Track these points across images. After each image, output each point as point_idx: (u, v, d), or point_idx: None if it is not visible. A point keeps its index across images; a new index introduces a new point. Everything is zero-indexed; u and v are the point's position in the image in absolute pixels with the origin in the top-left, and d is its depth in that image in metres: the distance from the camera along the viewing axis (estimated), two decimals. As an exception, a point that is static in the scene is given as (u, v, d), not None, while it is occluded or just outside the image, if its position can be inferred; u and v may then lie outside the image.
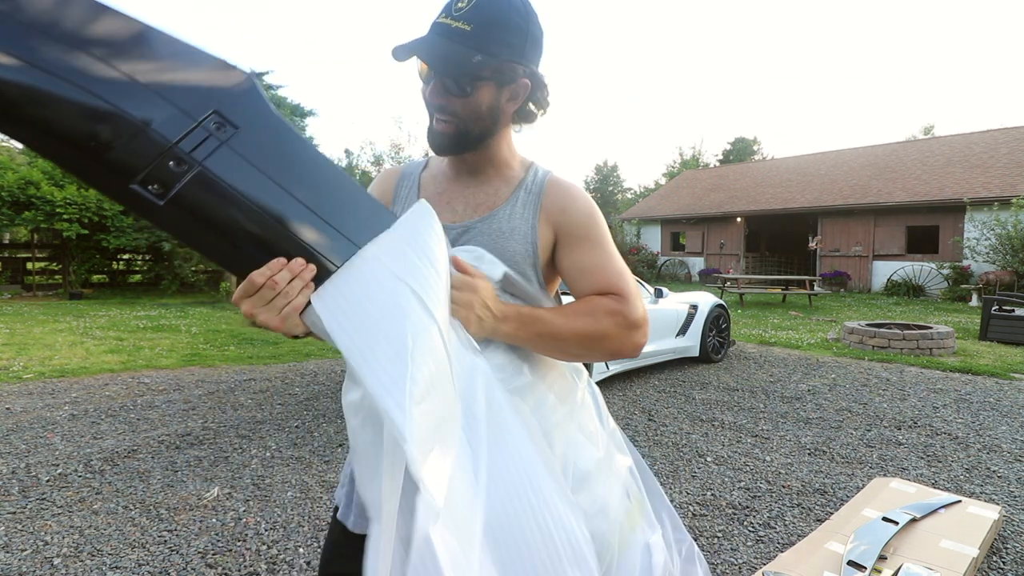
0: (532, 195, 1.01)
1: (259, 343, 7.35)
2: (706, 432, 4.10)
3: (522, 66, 0.94)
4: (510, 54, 0.91)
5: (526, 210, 1.00)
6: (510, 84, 0.94)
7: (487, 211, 1.01)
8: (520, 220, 0.99)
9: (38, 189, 11.79)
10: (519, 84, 0.95)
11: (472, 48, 0.87)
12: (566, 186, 1.02)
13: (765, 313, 11.32)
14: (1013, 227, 12.62)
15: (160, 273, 13.96)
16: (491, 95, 0.93)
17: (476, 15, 0.87)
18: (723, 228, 20.88)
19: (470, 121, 0.94)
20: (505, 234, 0.98)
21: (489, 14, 0.88)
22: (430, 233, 0.82)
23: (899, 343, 7.06)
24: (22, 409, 4.38)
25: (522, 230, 0.98)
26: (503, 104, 0.96)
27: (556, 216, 0.99)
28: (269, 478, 3.20)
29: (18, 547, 2.44)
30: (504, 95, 0.95)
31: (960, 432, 4.12)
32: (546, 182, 1.02)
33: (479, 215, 1.01)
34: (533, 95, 0.98)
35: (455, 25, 0.88)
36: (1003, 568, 2.37)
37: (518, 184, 1.02)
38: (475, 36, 0.87)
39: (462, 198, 1.03)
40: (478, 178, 1.04)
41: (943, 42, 79.88)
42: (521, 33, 0.91)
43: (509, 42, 0.90)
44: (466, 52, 0.87)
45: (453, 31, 0.88)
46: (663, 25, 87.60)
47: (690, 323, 6.32)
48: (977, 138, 18.56)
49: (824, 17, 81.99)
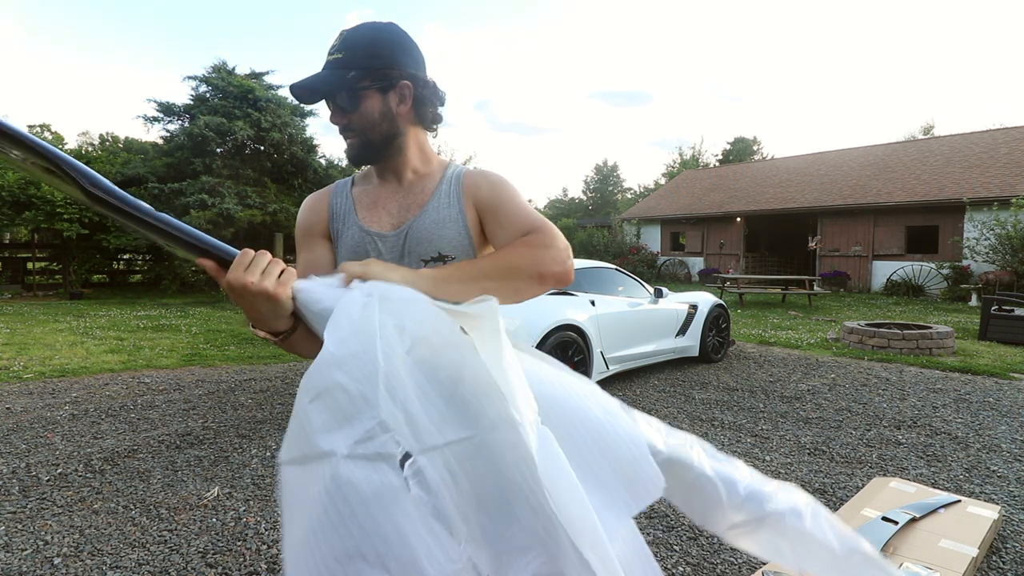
0: (453, 187, 1.13)
1: (259, 343, 7.35)
2: (706, 432, 4.10)
3: (397, 70, 1.06)
4: (381, 63, 1.04)
5: (451, 199, 1.12)
6: (392, 88, 1.07)
7: (418, 209, 1.12)
8: (448, 209, 1.11)
9: (38, 189, 11.80)
10: (400, 86, 1.07)
11: (345, 68, 1.03)
12: (480, 172, 1.15)
13: (765, 313, 11.33)
14: (1013, 227, 12.62)
15: (160, 273, 13.96)
16: (378, 102, 1.06)
17: (345, 45, 1.04)
18: (723, 228, 20.88)
19: (368, 130, 1.07)
20: (440, 224, 1.10)
21: (355, 41, 1.04)
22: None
23: (899, 343, 7.07)
24: (22, 409, 4.38)
25: (452, 217, 1.11)
26: (395, 108, 1.08)
27: (474, 196, 1.12)
28: (269, 478, 3.20)
29: (18, 547, 2.44)
30: (392, 100, 1.07)
31: (960, 432, 4.13)
32: (463, 173, 1.15)
33: (412, 215, 1.12)
34: (420, 94, 1.09)
35: (331, 58, 1.05)
36: (1003, 568, 2.37)
37: (440, 180, 1.14)
38: (346, 59, 1.03)
39: (395, 202, 1.14)
40: (403, 183, 1.15)
41: (943, 42, 79.86)
42: (388, 45, 1.06)
43: (378, 54, 1.04)
44: (341, 72, 1.03)
45: (330, 63, 1.05)
46: (662, 25, 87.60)
47: (690, 323, 6.32)
48: (977, 138, 18.55)
49: (824, 17, 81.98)
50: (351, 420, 0.78)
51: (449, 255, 1.09)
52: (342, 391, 0.79)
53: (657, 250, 22.90)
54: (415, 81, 1.08)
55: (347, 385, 0.78)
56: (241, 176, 13.22)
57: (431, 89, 1.10)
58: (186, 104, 14.08)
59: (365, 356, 0.79)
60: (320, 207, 1.18)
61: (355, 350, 0.80)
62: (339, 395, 0.79)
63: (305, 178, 14.59)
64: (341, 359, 0.80)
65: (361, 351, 0.79)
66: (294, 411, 0.83)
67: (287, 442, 0.83)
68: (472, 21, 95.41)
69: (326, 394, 0.79)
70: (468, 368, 0.81)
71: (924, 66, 78.84)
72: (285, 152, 14.21)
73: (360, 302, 0.84)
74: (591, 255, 21.95)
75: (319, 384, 0.80)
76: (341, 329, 0.82)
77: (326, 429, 0.78)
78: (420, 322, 0.83)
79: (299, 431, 0.81)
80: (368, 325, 0.81)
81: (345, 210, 1.15)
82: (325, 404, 0.79)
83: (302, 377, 0.83)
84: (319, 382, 0.80)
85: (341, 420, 0.78)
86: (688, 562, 2.42)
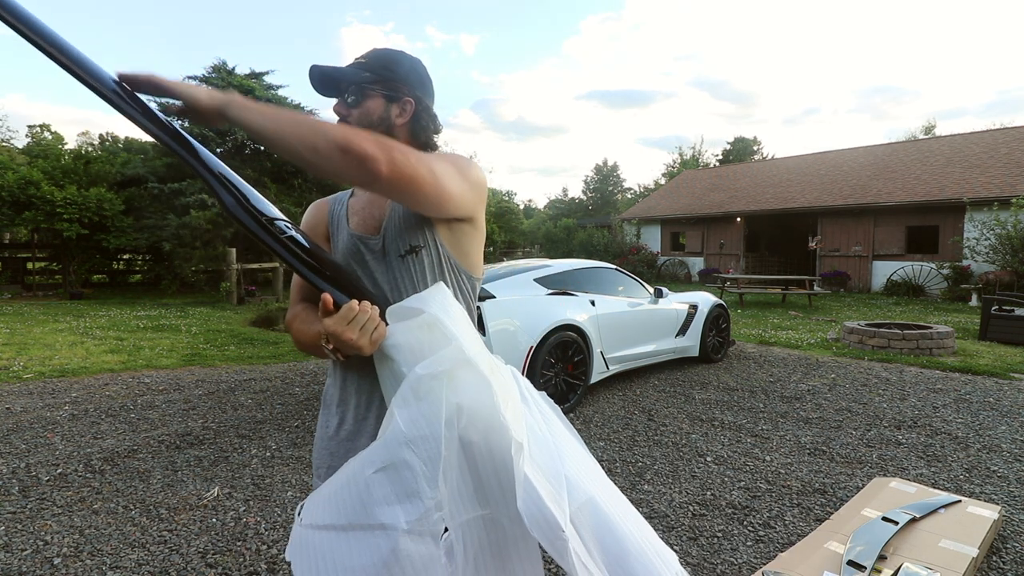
0: None
1: (259, 343, 7.35)
2: (706, 432, 4.10)
3: (406, 87, 1.16)
4: (394, 76, 1.15)
5: None
6: (397, 100, 1.15)
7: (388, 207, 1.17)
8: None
9: (38, 189, 11.79)
10: (404, 100, 1.16)
11: (362, 70, 1.14)
12: None
13: (765, 313, 11.32)
14: (1013, 227, 12.61)
15: (160, 273, 13.96)
16: (381, 106, 1.14)
17: (370, 55, 1.17)
18: (723, 228, 20.87)
19: (363, 127, 1.11)
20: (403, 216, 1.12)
21: (380, 55, 1.17)
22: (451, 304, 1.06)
23: (899, 343, 7.06)
24: (22, 409, 4.38)
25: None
26: (393, 117, 1.15)
27: None
28: (269, 478, 3.20)
29: (18, 547, 2.44)
30: (393, 110, 1.15)
31: (960, 432, 4.12)
32: None
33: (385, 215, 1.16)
34: (419, 115, 1.17)
35: (354, 61, 1.17)
36: (1003, 568, 2.37)
37: None
38: (367, 64, 1.15)
39: (377, 207, 1.18)
40: None
41: (944, 41, 79.81)
42: (406, 67, 1.17)
43: (394, 70, 1.15)
44: (358, 71, 1.14)
45: (352, 64, 1.16)
46: (663, 25, 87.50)
47: (690, 323, 6.32)
48: (977, 138, 18.54)
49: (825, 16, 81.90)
50: (412, 497, 0.87)
51: (419, 245, 1.11)
52: (408, 469, 0.88)
53: (657, 250, 22.89)
54: (419, 102, 1.17)
55: (414, 464, 0.88)
56: (241, 176, 13.20)
57: (430, 114, 1.20)
58: (186, 104, 14.07)
59: (432, 440, 0.89)
60: (322, 213, 1.26)
61: (424, 433, 0.89)
62: (405, 472, 0.88)
63: (305, 178, 14.58)
64: (411, 439, 0.89)
65: (430, 435, 0.89)
66: (346, 478, 0.91)
67: (328, 506, 0.90)
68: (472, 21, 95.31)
69: (392, 469, 0.88)
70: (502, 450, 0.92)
71: (925, 66, 78.76)
72: (285, 152, 14.19)
73: (431, 375, 0.93)
74: (591, 255, 21.95)
75: (388, 458, 0.89)
76: (411, 407, 0.91)
77: (387, 502, 0.87)
78: (476, 399, 0.94)
79: (353, 500, 0.89)
80: (435, 408, 0.91)
81: (339, 217, 1.22)
82: (389, 478, 0.88)
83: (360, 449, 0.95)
84: (388, 456, 0.89)
85: (403, 496, 0.87)
86: (688, 562, 2.42)
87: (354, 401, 1.14)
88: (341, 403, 1.16)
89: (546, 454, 0.97)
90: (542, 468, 0.93)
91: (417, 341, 0.97)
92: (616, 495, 1.04)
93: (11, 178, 11.73)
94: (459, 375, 0.94)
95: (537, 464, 0.93)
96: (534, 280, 4.93)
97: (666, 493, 3.08)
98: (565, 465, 0.97)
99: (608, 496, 1.01)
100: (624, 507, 1.02)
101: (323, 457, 1.18)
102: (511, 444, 0.91)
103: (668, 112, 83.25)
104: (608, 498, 1.00)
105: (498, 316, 4.34)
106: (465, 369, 0.95)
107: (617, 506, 1.01)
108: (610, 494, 1.03)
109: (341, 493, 0.90)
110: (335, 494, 0.91)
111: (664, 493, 3.08)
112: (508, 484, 0.90)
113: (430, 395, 0.91)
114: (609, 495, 1.02)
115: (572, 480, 0.95)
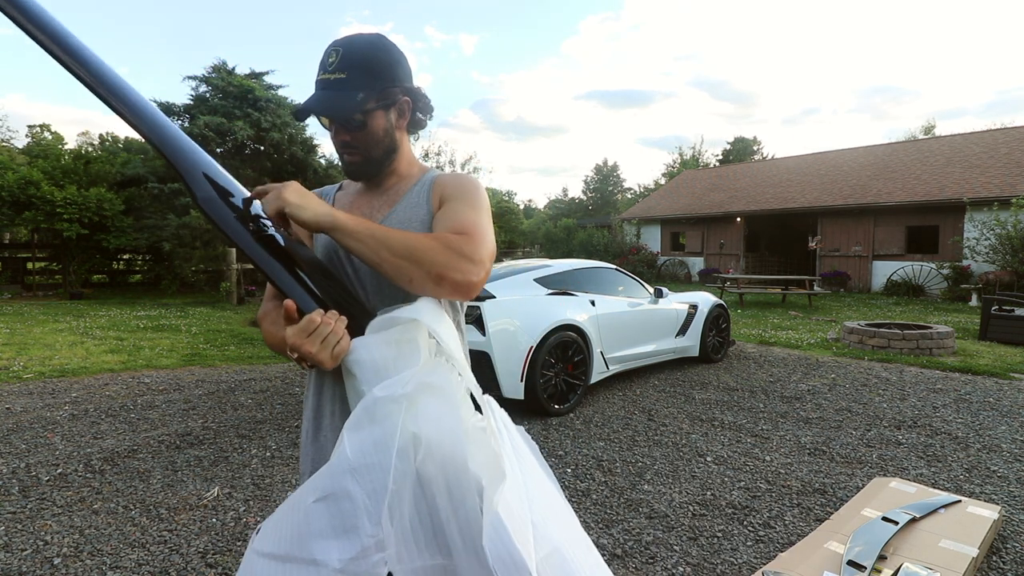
0: (425, 189, 1.17)
1: (259, 343, 7.35)
2: (706, 432, 4.10)
3: (398, 87, 1.09)
4: (384, 82, 1.07)
5: (420, 200, 1.15)
6: (395, 105, 1.11)
7: (388, 209, 1.15)
8: (415, 209, 1.14)
9: (38, 189, 11.78)
10: (401, 102, 1.11)
11: (352, 89, 1.04)
12: (455, 174, 1.19)
13: (765, 313, 11.32)
14: (1013, 227, 12.61)
15: (160, 273, 13.96)
16: (383, 120, 1.10)
17: (346, 63, 1.05)
18: (723, 228, 20.87)
19: (371, 147, 1.11)
20: (405, 224, 1.11)
21: (356, 59, 1.05)
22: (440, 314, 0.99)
23: (899, 343, 7.06)
24: (22, 409, 4.38)
25: (419, 217, 1.13)
26: (395, 122, 1.12)
27: (440, 194, 1.14)
28: (269, 478, 3.20)
29: (18, 547, 2.44)
30: (393, 115, 1.12)
31: (960, 432, 4.12)
32: (436, 175, 1.19)
33: (381, 215, 1.15)
34: (417, 106, 1.14)
35: (333, 77, 1.05)
36: (1003, 568, 2.37)
37: (415, 183, 1.18)
38: (351, 79, 1.04)
39: (366, 204, 1.17)
40: (381, 187, 1.19)
41: (943, 41, 79.80)
42: (386, 62, 1.08)
43: (380, 73, 1.07)
44: (349, 94, 1.04)
45: (333, 82, 1.05)
46: (662, 25, 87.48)
47: (690, 323, 6.32)
48: (977, 138, 18.54)
49: (824, 16, 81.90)
50: (349, 533, 0.80)
51: None
52: (349, 501, 0.80)
53: (657, 250, 22.89)
54: (413, 96, 1.12)
55: (356, 496, 0.80)
56: (241, 176, 13.19)
57: (424, 100, 1.14)
58: (186, 104, 14.09)
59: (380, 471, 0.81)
60: None
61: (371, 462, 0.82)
62: (345, 504, 0.81)
63: (305, 178, 14.58)
64: (356, 468, 0.81)
65: (376, 464, 0.81)
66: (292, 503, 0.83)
67: (273, 533, 0.83)
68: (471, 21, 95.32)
69: (333, 499, 0.81)
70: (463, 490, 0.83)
71: (925, 66, 78.74)
72: (285, 152, 14.22)
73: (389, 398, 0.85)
74: (591, 255, 21.94)
75: (329, 487, 0.82)
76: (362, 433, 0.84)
77: (322, 536, 0.80)
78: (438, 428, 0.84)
79: (292, 529, 0.82)
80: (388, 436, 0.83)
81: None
82: (328, 509, 0.81)
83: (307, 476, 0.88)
84: (330, 485, 0.82)
85: (339, 530, 0.80)
86: (688, 562, 2.42)
87: (329, 408, 1.10)
88: (318, 410, 1.13)
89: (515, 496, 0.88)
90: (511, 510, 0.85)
91: (382, 358, 0.89)
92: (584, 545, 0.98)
93: (11, 178, 11.73)
94: (421, 400, 0.85)
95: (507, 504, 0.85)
96: (534, 280, 4.93)
97: (666, 493, 3.08)
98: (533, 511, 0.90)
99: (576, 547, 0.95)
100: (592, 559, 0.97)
101: (306, 463, 1.15)
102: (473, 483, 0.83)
103: (668, 112, 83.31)
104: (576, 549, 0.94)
105: (498, 316, 4.35)
106: (429, 394, 0.86)
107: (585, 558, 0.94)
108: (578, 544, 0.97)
109: (283, 521, 0.83)
110: (279, 521, 0.84)
111: (664, 493, 3.08)
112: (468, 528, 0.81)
113: (386, 420, 0.83)
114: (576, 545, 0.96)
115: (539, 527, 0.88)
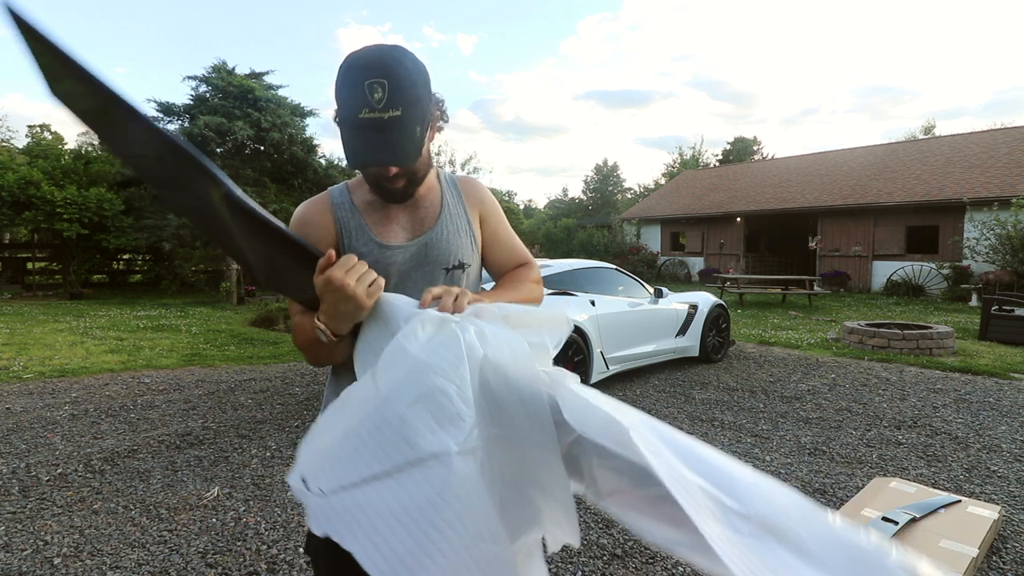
0: (455, 195, 1.20)
1: (259, 343, 7.35)
2: (706, 432, 4.10)
3: (432, 105, 1.05)
4: (426, 107, 1.01)
5: (457, 208, 1.18)
6: (433, 123, 1.09)
7: (433, 221, 1.16)
8: (459, 219, 1.18)
9: (38, 189, 11.78)
10: (433, 116, 1.08)
11: (411, 126, 0.97)
12: (471, 179, 1.25)
13: (765, 313, 11.32)
14: (1013, 227, 12.61)
15: (160, 273, 13.96)
16: (427, 143, 1.08)
17: (398, 98, 0.94)
18: (723, 228, 20.87)
19: (419, 171, 1.09)
20: (455, 233, 1.16)
21: (406, 91, 0.95)
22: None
23: (899, 343, 7.06)
24: (22, 409, 4.38)
25: (463, 227, 1.18)
26: (428, 142, 1.10)
27: (478, 205, 1.22)
28: (269, 478, 3.20)
29: (18, 547, 2.44)
30: (431, 134, 1.10)
31: (960, 432, 4.12)
32: (456, 180, 1.23)
33: (428, 226, 1.15)
34: (442, 115, 1.13)
35: (387, 116, 0.94)
36: (1003, 568, 2.37)
37: (441, 190, 1.19)
38: (407, 116, 0.96)
39: (405, 215, 1.15)
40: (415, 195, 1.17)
41: (942, 42, 79.84)
42: (423, 83, 1.00)
43: (420, 96, 0.99)
44: (409, 133, 0.97)
45: (388, 122, 0.95)
46: (660, 25, 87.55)
47: (690, 323, 6.32)
48: (977, 138, 18.54)
49: (823, 16, 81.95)
50: (454, 421, 0.84)
51: (466, 262, 1.16)
52: (444, 395, 0.84)
53: (657, 250, 22.90)
54: (440, 107, 1.10)
55: (448, 389, 0.85)
56: (241, 176, 13.21)
57: (443, 104, 1.12)
58: (186, 104, 14.09)
59: (460, 364, 0.86)
60: (325, 221, 1.14)
61: (449, 358, 0.86)
62: (441, 398, 0.85)
63: (305, 178, 14.58)
64: (437, 367, 0.86)
65: (455, 360, 0.86)
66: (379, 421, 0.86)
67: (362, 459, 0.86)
68: (469, 22, 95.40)
69: (428, 398, 0.85)
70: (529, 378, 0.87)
71: (925, 65, 78.80)
72: (285, 152, 14.21)
73: (444, 318, 0.90)
74: (591, 255, 21.94)
75: (419, 389, 0.86)
76: (419, 340, 0.88)
77: (431, 431, 0.84)
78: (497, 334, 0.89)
79: (393, 439, 0.85)
80: (451, 336, 0.87)
81: (356, 227, 1.13)
82: (427, 407, 0.85)
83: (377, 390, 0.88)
84: (418, 388, 0.86)
85: (445, 421, 0.84)
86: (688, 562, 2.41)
87: None
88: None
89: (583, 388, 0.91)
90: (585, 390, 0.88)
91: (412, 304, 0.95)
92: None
93: (11, 178, 11.73)
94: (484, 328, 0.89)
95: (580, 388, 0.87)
96: (534, 280, 4.93)
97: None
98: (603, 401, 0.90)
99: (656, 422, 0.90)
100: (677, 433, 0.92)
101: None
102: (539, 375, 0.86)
103: (667, 112, 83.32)
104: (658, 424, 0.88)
105: (498, 316, 4.34)
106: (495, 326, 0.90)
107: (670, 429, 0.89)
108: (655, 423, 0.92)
109: (370, 442, 0.86)
110: (362, 446, 0.86)
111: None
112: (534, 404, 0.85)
113: (442, 329, 0.88)
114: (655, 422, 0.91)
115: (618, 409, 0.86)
